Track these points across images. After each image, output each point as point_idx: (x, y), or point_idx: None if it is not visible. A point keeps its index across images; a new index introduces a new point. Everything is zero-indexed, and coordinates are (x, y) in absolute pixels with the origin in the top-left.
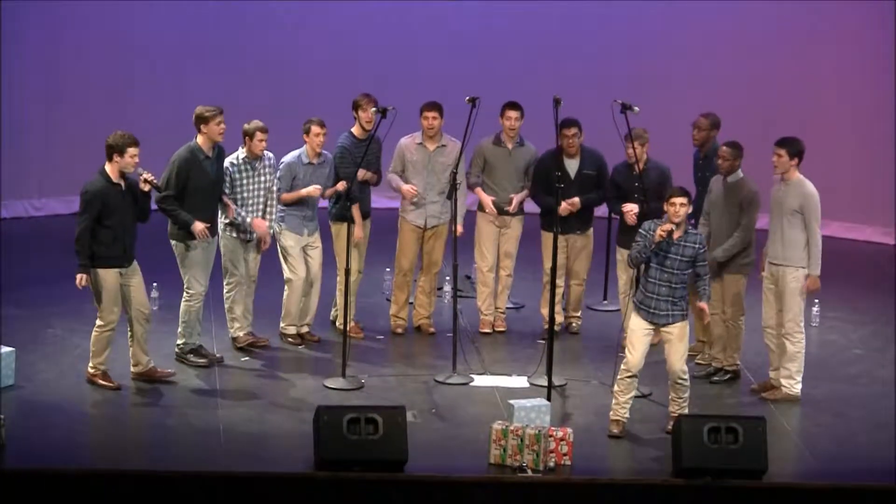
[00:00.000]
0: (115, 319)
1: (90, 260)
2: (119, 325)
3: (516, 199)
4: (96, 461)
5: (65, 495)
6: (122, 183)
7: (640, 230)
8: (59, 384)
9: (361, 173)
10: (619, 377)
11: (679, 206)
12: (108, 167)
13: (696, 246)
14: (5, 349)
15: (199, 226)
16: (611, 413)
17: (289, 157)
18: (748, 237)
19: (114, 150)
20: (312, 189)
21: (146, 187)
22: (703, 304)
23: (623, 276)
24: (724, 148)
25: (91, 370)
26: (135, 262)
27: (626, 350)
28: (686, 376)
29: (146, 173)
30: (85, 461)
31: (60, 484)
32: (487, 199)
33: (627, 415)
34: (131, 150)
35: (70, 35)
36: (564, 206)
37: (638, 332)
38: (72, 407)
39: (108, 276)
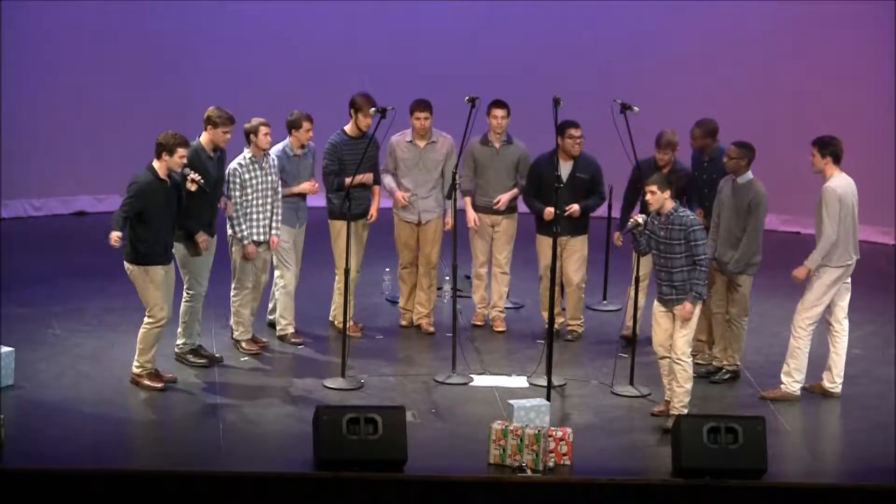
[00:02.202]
0: (166, 316)
1: (139, 257)
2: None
3: (504, 197)
4: (96, 461)
5: (64, 495)
6: (168, 181)
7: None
8: (58, 384)
9: (360, 177)
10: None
11: (648, 195)
12: (156, 164)
13: (684, 226)
14: (5, 349)
15: (202, 236)
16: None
17: (274, 151)
18: (754, 243)
19: (164, 149)
20: (307, 185)
21: (193, 187)
22: (684, 305)
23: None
24: (732, 147)
25: (136, 369)
26: (171, 263)
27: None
28: (686, 360)
29: (193, 174)
30: (85, 461)
31: (60, 484)
32: (472, 215)
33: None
34: (181, 151)
35: (70, 35)
36: (549, 211)
37: (656, 316)
38: (71, 407)
39: (156, 274)
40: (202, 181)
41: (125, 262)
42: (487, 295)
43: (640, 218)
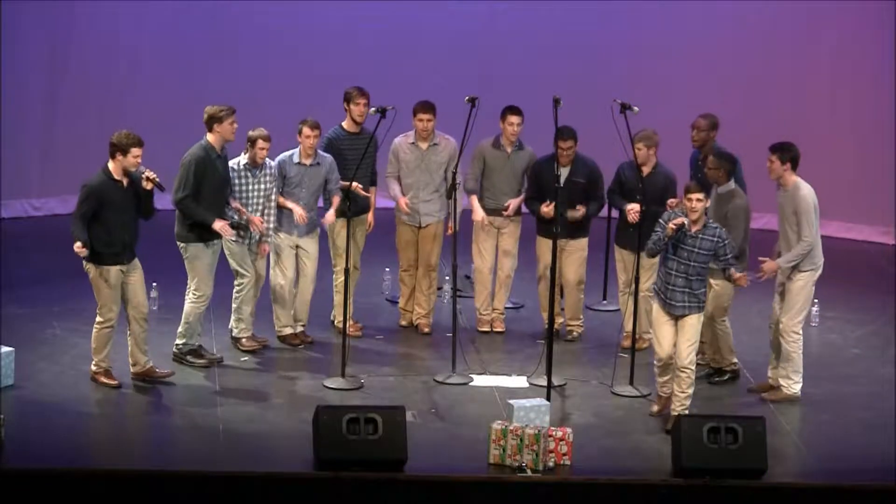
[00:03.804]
0: (115, 317)
1: (93, 256)
2: (120, 323)
3: (514, 203)
4: (96, 461)
5: (64, 495)
6: (125, 180)
7: (660, 220)
8: (58, 384)
9: (355, 185)
10: (655, 363)
11: (696, 202)
12: (110, 164)
13: (715, 240)
14: (5, 349)
15: (218, 223)
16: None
17: (281, 156)
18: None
19: (117, 150)
20: (298, 213)
21: (149, 186)
22: (736, 274)
23: (622, 276)
24: (710, 158)
25: (93, 368)
26: (136, 260)
27: (654, 343)
28: (692, 367)
29: (148, 172)
30: (85, 461)
31: (60, 484)
32: (479, 213)
33: (669, 390)
34: (134, 151)
35: (70, 35)
36: (545, 210)
37: (660, 323)
38: (71, 407)
39: (109, 274)
40: (158, 179)
41: (83, 261)
42: (491, 301)
43: (686, 220)
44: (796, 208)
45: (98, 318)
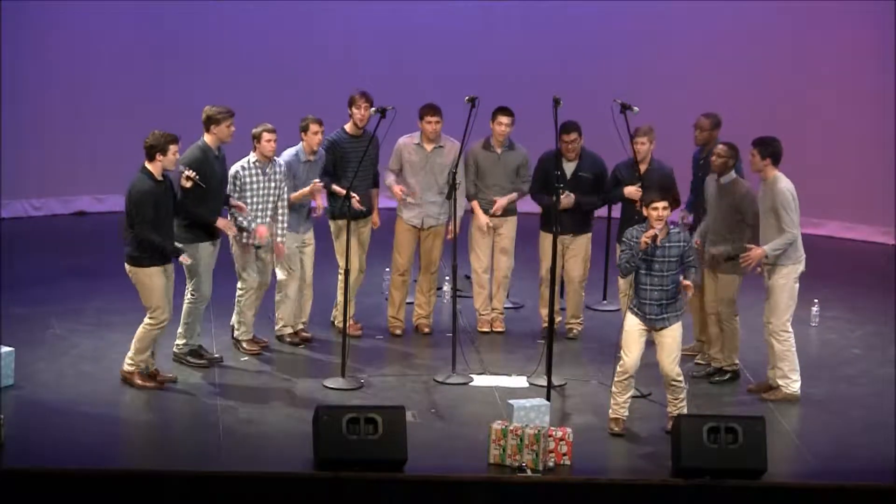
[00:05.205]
0: (168, 318)
1: (139, 260)
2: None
3: (500, 202)
4: (96, 461)
5: (64, 495)
6: (164, 181)
7: (624, 239)
8: (58, 384)
9: (355, 201)
10: (616, 379)
11: (661, 210)
12: (150, 166)
13: (682, 244)
14: (5, 349)
15: (221, 220)
16: (610, 412)
17: (286, 156)
18: (754, 234)
19: (156, 150)
20: (312, 185)
21: (188, 184)
22: (686, 282)
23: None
24: (721, 146)
25: (129, 366)
26: (172, 263)
27: (622, 352)
28: (680, 378)
29: (189, 170)
30: (85, 461)
31: (60, 484)
32: (482, 217)
33: (626, 413)
34: (172, 148)
35: (70, 35)
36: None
37: (633, 333)
38: (71, 407)
39: (156, 275)
40: (197, 177)
41: (126, 265)
42: (490, 301)
43: (657, 231)
44: (774, 201)
45: (150, 320)
